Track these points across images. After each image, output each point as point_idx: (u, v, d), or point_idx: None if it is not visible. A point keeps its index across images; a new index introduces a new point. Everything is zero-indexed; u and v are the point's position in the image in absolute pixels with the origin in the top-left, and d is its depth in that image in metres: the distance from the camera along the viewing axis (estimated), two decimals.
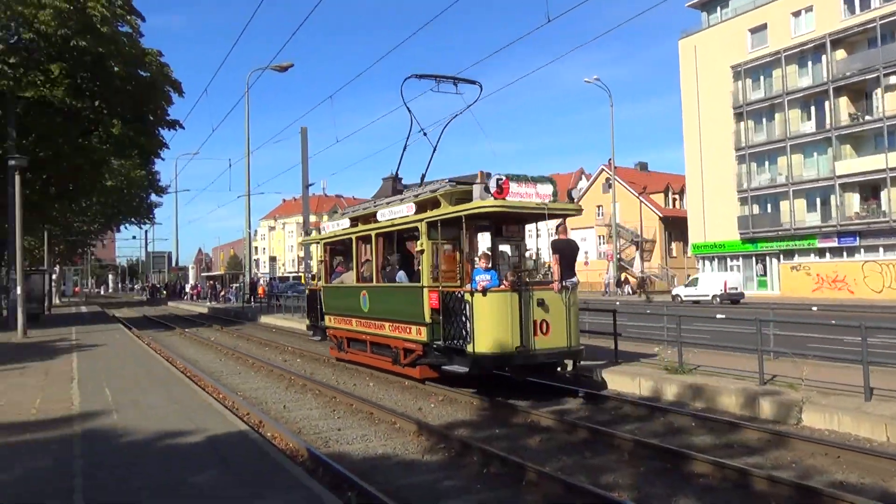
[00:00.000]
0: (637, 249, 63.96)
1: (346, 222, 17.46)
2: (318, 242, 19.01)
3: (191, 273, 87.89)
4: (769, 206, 52.34)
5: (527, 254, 15.37)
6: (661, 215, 68.38)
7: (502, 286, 12.93)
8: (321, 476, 8.56)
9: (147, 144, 32.67)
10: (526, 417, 11.48)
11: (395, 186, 16.26)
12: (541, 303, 12.88)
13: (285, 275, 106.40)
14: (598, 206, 73.99)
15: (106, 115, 30.78)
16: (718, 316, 18.10)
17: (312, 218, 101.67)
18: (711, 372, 13.48)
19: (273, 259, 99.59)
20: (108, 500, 7.32)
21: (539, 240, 36.23)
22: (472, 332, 12.86)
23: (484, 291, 12.77)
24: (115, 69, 28.78)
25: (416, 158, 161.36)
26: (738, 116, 53.61)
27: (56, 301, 62.95)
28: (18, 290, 26.32)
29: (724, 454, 9.44)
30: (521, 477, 8.73)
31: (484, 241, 15.21)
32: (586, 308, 17.97)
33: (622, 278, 59.09)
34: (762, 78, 52.36)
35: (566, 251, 13.48)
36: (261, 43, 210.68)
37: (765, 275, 53.00)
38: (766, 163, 52.50)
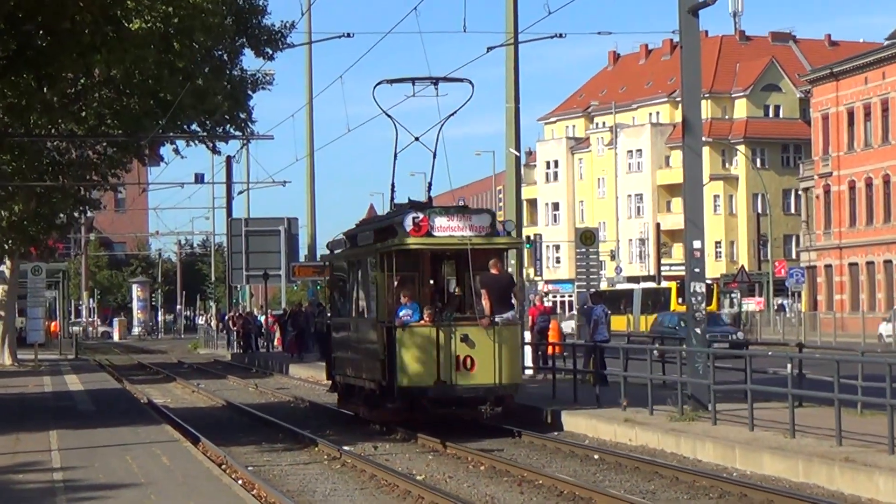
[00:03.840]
0: None
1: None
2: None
3: None
4: None
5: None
6: None
7: (422, 321, 20.79)
8: None
9: None
10: None
11: (392, 203, 25.15)
12: (464, 338, 20.64)
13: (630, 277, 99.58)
14: None
15: None
16: None
17: (705, 113, 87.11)
18: None
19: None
20: None
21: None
22: (397, 366, 20.77)
23: (403, 326, 20.78)
24: None
25: None
26: None
27: (5, 359, 48.47)
28: None
29: None
30: None
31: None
32: None
33: None
34: None
35: (495, 287, 21.22)
36: None
37: None
38: None
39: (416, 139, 25.62)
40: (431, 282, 23.19)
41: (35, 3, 22.01)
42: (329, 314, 28.93)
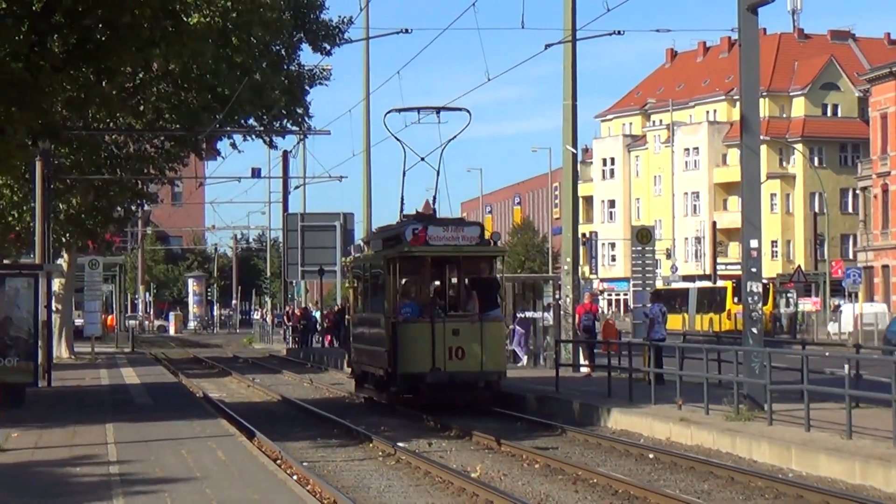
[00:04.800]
0: None
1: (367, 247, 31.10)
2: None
3: None
4: None
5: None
6: None
7: (421, 318, 25.23)
8: None
9: None
10: None
11: (401, 214, 28.69)
12: (455, 331, 24.91)
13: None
14: None
15: None
16: None
17: (762, 112, 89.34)
18: None
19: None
20: None
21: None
22: (399, 356, 25.07)
23: (405, 321, 25.15)
24: None
25: None
26: None
27: (62, 352, 47.47)
28: None
29: None
30: None
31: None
32: None
33: None
34: None
35: (482, 288, 25.99)
36: None
37: None
38: None
39: (422, 159, 29.47)
40: (437, 283, 27.15)
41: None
42: (350, 311, 34.07)
